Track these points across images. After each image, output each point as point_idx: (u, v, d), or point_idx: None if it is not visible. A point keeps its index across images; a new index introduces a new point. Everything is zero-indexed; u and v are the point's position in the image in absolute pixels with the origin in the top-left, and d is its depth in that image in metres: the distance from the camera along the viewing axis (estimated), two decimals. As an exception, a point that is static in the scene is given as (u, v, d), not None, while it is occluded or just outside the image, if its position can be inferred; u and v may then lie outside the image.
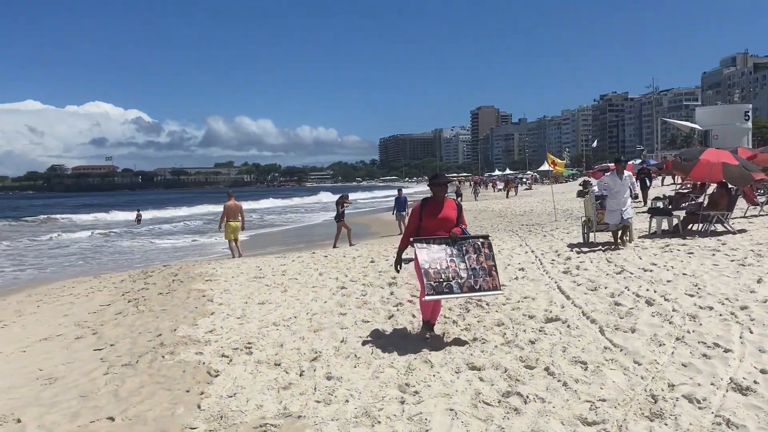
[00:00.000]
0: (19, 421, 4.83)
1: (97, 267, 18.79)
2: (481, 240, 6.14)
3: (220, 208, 17.57)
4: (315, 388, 5.06)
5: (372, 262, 12.03)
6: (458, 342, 6.08)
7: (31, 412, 5.01)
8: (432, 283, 5.79)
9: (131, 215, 46.47)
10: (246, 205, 61.10)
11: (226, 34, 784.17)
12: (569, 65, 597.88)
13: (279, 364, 5.79)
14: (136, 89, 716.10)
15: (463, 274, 5.88)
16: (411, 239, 6.04)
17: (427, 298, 5.81)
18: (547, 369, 5.12)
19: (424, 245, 5.93)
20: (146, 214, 48.22)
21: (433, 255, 5.87)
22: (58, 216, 52.56)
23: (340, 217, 18.58)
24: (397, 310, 7.76)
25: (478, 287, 5.91)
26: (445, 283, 5.80)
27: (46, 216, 52.50)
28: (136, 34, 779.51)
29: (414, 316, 7.36)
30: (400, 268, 6.35)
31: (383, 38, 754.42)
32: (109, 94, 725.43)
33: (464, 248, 6.01)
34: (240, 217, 16.77)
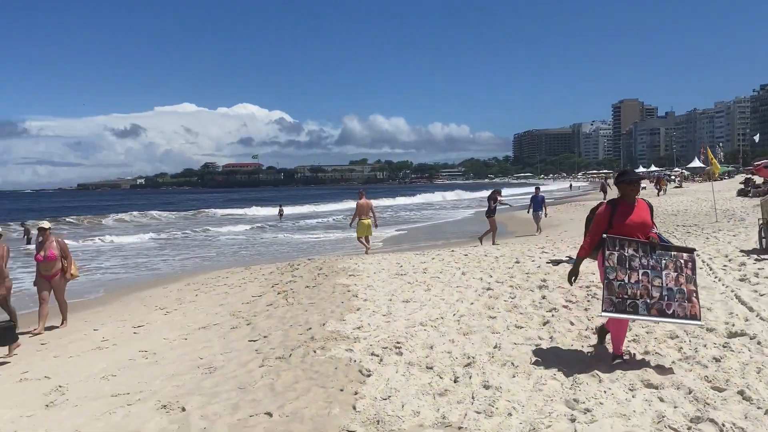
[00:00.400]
0: (183, 409, 4.97)
1: (246, 258, 19.78)
2: (685, 256, 5.20)
3: (354, 205, 17.98)
4: (473, 397, 4.76)
5: (517, 262, 11.51)
6: (628, 355, 5.49)
7: (194, 400, 5.16)
8: (613, 297, 5.00)
9: (274, 210, 48.88)
10: (383, 201, 62.53)
11: (359, 37, 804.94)
12: (723, 53, 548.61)
13: (431, 368, 5.55)
14: (280, 91, 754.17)
15: (655, 294, 5.01)
16: (605, 235, 5.18)
17: (603, 314, 5.08)
18: (741, 393, 4.44)
19: (617, 249, 5.11)
20: (287, 210, 50.49)
21: (622, 262, 5.07)
22: (210, 210, 56.53)
23: (491, 213, 18.12)
24: (552, 315, 7.25)
25: (670, 312, 5.01)
26: (629, 301, 4.99)
27: (200, 210, 56.63)
28: (280, 41, 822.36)
29: (572, 323, 6.84)
30: (575, 280, 5.58)
31: (517, 33, 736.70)
32: (256, 96, 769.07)
33: (663, 261, 5.11)
34: (372, 215, 17.16)
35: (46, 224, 9.83)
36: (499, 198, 18.63)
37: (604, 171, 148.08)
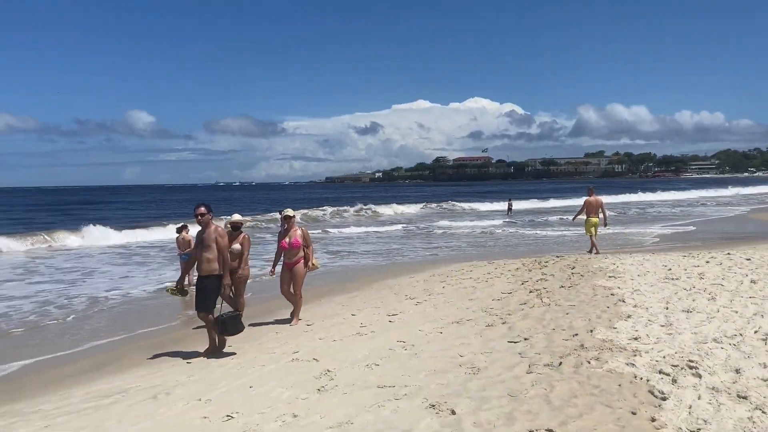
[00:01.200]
0: (453, 412, 4.65)
1: (482, 252, 19.50)
2: None
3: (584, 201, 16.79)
4: (820, 446, 3.70)
5: (824, 271, 9.45)
6: None
7: (463, 403, 4.81)
8: None
9: (503, 205, 48.05)
10: (626, 198, 58.14)
11: (594, 25, 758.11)
12: None
13: (745, 397, 4.53)
14: (511, 84, 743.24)
15: None
16: None
17: None
18: None
19: None
20: (517, 204, 49.32)
21: None
22: (443, 203, 57.50)
23: None
24: None
25: None
26: None
27: (435, 203, 57.82)
28: (512, 35, 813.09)
29: None
30: None
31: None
32: (487, 90, 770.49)
33: None
34: (602, 213, 16.18)
35: (290, 212, 9.71)
36: None
37: None
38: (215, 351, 7.79)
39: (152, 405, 5.69)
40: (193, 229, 11.93)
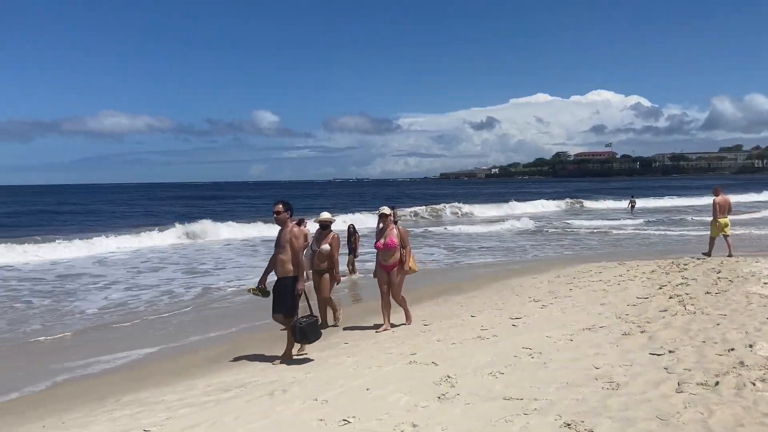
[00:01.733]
0: (593, 434, 4.12)
1: (609, 252, 18.28)
2: None
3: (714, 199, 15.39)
4: None
5: None
6: None
7: (603, 425, 4.25)
8: None
9: (624, 203, 45.31)
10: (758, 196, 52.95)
11: (725, 8, 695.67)
12: None
13: None
14: (637, 75, 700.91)
15: None
16: None
17: None
18: None
19: None
20: (641, 203, 46.36)
21: None
22: (563, 200, 55.11)
23: None
24: None
25: None
26: None
27: (565, 200, 55.31)
28: (636, 26, 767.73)
29: None
30: None
31: None
32: (611, 82, 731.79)
33: None
34: (728, 213, 15.16)
35: (386, 210, 8.85)
36: None
37: None
38: (290, 357, 7.40)
39: (269, 402, 5.59)
40: (311, 224, 12.04)
